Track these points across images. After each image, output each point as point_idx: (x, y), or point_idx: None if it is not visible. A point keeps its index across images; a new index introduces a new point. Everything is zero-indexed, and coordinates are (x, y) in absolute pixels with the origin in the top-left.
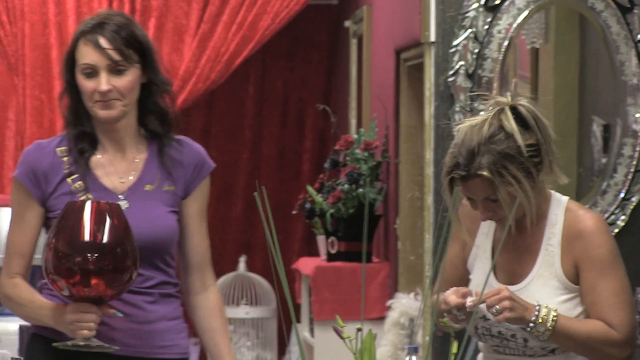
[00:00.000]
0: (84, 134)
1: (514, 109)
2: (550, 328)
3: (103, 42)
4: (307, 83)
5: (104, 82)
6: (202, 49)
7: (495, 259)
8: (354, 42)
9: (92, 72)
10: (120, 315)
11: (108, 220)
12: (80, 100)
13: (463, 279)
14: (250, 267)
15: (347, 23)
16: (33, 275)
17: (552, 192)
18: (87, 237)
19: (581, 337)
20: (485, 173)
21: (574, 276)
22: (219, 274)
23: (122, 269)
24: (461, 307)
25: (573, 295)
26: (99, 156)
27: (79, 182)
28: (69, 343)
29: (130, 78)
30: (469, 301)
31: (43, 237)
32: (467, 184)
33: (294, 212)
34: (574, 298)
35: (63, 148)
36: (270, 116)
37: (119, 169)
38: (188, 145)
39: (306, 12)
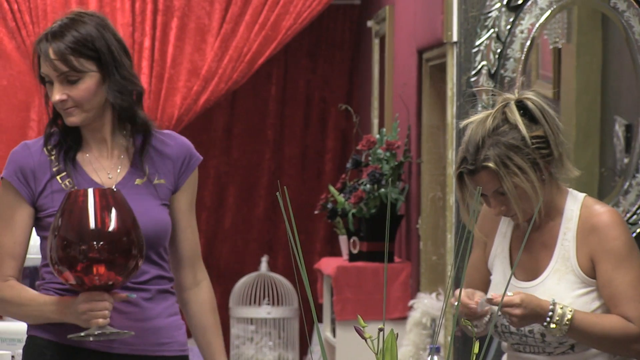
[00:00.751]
0: (69, 132)
1: (520, 103)
2: (567, 326)
3: (51, 53)
4: (330, 83)
5: (56, 92)
6: (225, 49)
7: (517, 261)
8: (376, 42)
9: (49, 81)
10: (134, 296)
11: (112, 207)
12: None
13: (486, 282)
14: (272, 267)
15: (369, 23)
16: (24, 277)
17: (570, 189)
18: (92, 224)
19: (599, 333)
20: (490, 164)
21: (590, 270)
22: (240, 273)
23: (128, 256)
24: (469, 309)
25: (590, 289)
26: (85, 153)
27: (68, 179)
28: (82, 334)
29: (85, 86)
30: (473, 304)
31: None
32: (475, 178)
33: (316, 212)
34: (591, 292)
35: (49, 147)
36: (292, 116)
37: (105, 164)
38: (175, 139)
39: (328, 12)
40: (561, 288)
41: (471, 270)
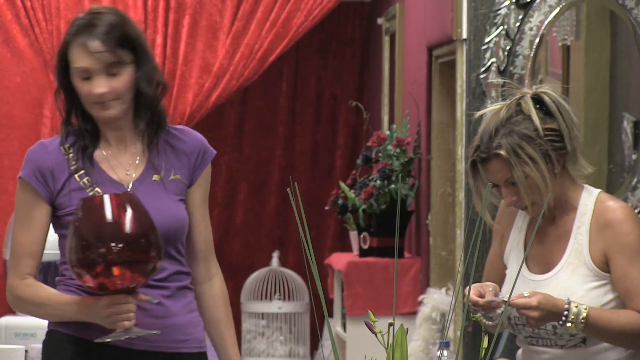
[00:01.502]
0: (86, 130)
1: (537, 97)
2: (582, 324)
3: (95, 45)
4: (340, 80)
5: (100, 85)
6: (236, 46)
7: (527, 252)
8: (386, 39)
9: (86, 76)
10: (156, 301)
11: (129, 210)
12: (75, 99)
13: (502, 277)
14: (283, 262)
15: (379, 20)
16: (40, 273)
17: (585, 185)
18: (110, 228)
19: (615, 328)
20: (501, 152)
21: (603, 264)
22: (252, 268)
23: (146, 258)
24: (478, 305)
25: (602, 282)
26: (102, 151)
27: (87, 178)
28: (108, 339)
29: (125, 78)
30: (481, 301)
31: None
32: (487, 166)
33: (327, 208)
34: (604, 285)
35: (66, 145)
36: (303, 113)
37: (123, 161)
38: (189, 134)
39: (339, 9)
40: (574, 281)
41: (488, 267)
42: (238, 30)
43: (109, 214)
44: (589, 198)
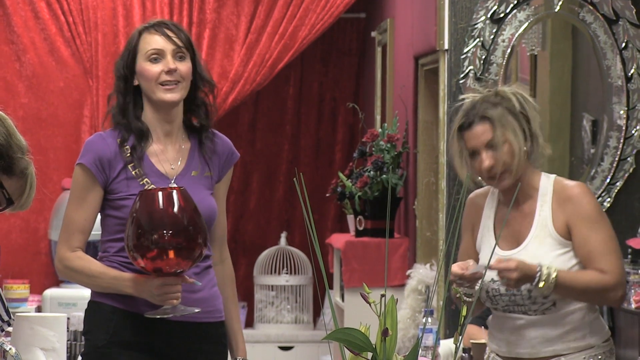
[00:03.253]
0: (137, 128)
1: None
2: (553, 283)
3: (168, 32)
4: (339, 85)
5: (171, 62)
6: (250, 55)
7: (502, 229)
8: (379, 50)
9: (158, 57)
10: (199, 284)
11: (179, 203)
12: (131, 97)
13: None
14: (290, 241)
15: (373, 33)
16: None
17: (542, 172)
18: (162, 217)
19: (580, 286)
20: (488, 115)
21: (566, 234)
22: (263, 247)
23: (193, 245)
24: (463, 278)
25: (566, 249)
26: (152, 146)
27: (138, 169)
28: (157, 315)
29: (188, 64)
30: (469, 272)
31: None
32: (471, 130)
33: (328, 194)
34: (568, 252)
35: (121, 139)
36: (307, 113)
37: (169, 156)
38: (220, 137)
39: (338, 24)
40: (542, 250)
41: (463, 257)
42: (251, 42)
43: (161, 205)
44: (547, 181)
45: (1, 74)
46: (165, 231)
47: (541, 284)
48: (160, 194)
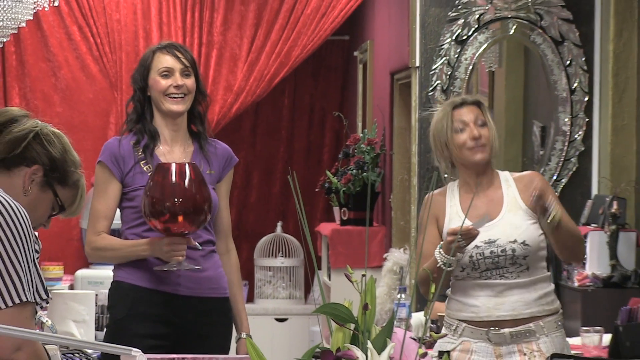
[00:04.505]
0: (148, 131)
1: None
2: (559, 218)
3: (177, 53)
4: (327, 96)
5: (179, 78)
6: (251, 71)
7: (469, 207)
8: (360, 67)
9: (168, 74)
10: (200, 248)
11: (188, 174)
12: (145, 104)
13: None
14: (285, 229)
15: (355, 53)
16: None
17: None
18: (173, 187)
19: (572, 229)
20: (477, 100)
21: (532, 209)
22: (262, 234)
23: (199, 211)
24: (466, 233)
25: (535, 221)
26: (160, 147)
27: (148, 165)
28: (165, 268)
29: (193, 80)
30: (466, 227)
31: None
32: (465, 107)
33: (317, 189)
34: (536, 223)
35: (134, 141)
36: (300, 120)
37: (175, 156)
38: (220, 144)
39: (326, 45)
40: (518, 219)
41: (428, 245)
42: (252, 60)
43: (174, 176)
44: (503, 173)
45: (39, 87)
46: (176, 198)
47: (553, 214)
48: (173, 165)
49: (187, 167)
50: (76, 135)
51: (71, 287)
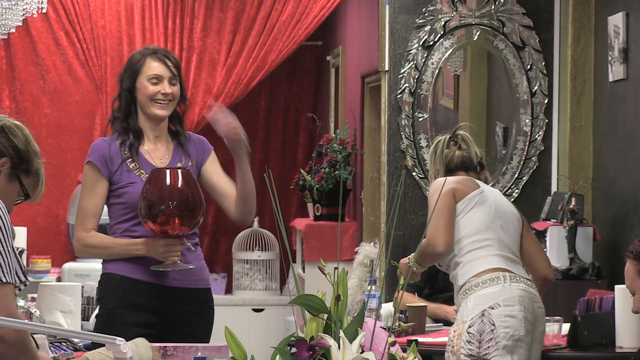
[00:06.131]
0: (134, 129)
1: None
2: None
3: (167, 61)
4: (301, 98)
5: (167, 86)
6: (229, 75)
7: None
8: (332, 71)
9: (157, 81)
10: (193, 249)
11: (180, 179)
12: (132, 104)
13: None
14: (262, 224)
15: (328, 57)
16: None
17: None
18: (168, 190)
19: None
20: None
21: None
22: (240, 229)
23: (194, 214)
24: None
25: None
26: (144, 146)
27: (134, 163)
28: (161, 268)
29: (178, 87)
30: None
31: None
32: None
33: (292, 187)
34: None
35: (120, 141)
36: (275, 121)
37: (159, 153)
38: (195, 135)
39: (300, 50)
40: None
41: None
42: (230, 64)
43: (167, 181)
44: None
45: (28, 90)
46: (171, 202)
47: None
48: (168, 172)
49: (179, 172)
50: (63, 135)
51: (59, 280)
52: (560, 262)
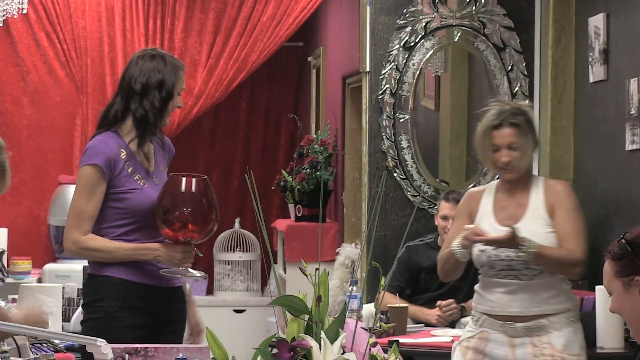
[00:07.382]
0: (155, 128)
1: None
2: (533, 252)
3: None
4: (282, 99)
5: (181, 100)
6: (210, 76)
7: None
8: (313, 72)
9: (179, 94)
10: (201, 255)
11: (194, 187)
12: (167, 103)
13: None
14: (243, 225)
15: (309, 58)
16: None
17: (533, 173)
18: (183, 198)
19: (555, 256)
20: (518, 122)
21: (553, 216)
22: (221, 230)
23: (208, 220)
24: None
25: (553, 229)
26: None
27: (131, 168)
28: (172, 274)
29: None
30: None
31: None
32: (500, 130)
33: (273, 187)
34: (553, 232)
35: (129, 139)
36: (257, 122)
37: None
38: (166, 141)
39: (281, 50)
40: (537, 227)
41: (454, 237)
42: (211, 65)
43: (183, 188)
44: (538, 179)
45: (9, 91)
46: (185, 209)
47: (521, 253)
48: (182, 179)
49: (194, 180)
50: (44, 136)
51: (39, 281)
52: None
